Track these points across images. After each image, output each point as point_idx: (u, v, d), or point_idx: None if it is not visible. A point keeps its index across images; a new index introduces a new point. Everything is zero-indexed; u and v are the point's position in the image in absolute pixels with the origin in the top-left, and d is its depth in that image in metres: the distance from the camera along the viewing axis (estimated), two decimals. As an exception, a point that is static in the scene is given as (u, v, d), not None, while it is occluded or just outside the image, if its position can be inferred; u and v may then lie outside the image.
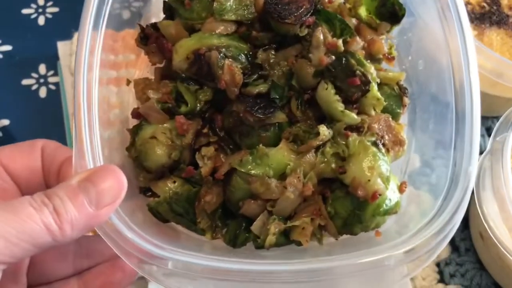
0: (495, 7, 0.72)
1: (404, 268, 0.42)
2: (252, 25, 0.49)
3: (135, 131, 0.48)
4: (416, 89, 0.52)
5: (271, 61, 0.49)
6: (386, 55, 0.52)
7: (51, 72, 0.72)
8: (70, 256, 0.46)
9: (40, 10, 0.76)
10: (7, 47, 0.74)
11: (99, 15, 0.45)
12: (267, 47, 0.49)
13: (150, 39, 0.51)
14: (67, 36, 0.72)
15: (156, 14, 0.54)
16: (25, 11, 0.76)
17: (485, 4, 0.72)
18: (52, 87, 0.71)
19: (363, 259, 0.41)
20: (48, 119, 0.68)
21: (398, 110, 0.50)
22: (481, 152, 0.68)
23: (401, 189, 0.47)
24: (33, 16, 0.76)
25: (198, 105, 0.48)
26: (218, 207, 0.48)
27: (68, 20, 0.74)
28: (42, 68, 0.72)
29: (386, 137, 0.48)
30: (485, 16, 0.71)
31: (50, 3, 0.77)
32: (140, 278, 0.54)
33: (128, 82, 0.51)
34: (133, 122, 0.50)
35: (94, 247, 0.46)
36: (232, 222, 0.48)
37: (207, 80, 0.47)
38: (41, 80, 0.71)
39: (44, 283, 0.45)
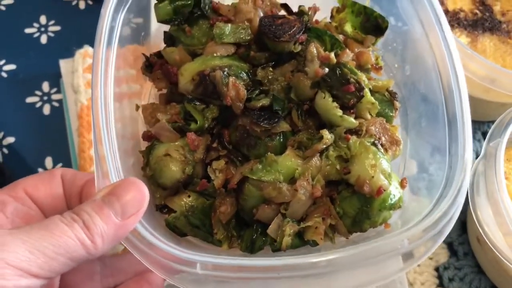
0: (487, 14, 0.74)
1: (399, 261, 0.44)
2: (249, 46, 0.53)
3: (148, 151, 0.50)
4: (406, 93, 0.56)
5: (270, 77, 0.52)
6: (374, 65, 0.56)
7: (54, 90, 0.74)
8: (97, 276, 0.48)
9: (43, 29, 0.79)
10: (11, 66, 0.76)
11: (111, 33, 0.48)
12: (264, 65, 0.53)
13: (155, 66, 0.54)
14: (69, 54, 0.74)
15: (157, 32, 0.57)
16: (27, 30, 0.79)
17: (477, 11, 0.73)
18: (56, 104, 0.73)
19: (374, 244, 0.43)
20: (52, 135, 0.70)
21: (391, 114, 0.54)
22: (476, 157, 0.70)
23: (402, 185, 0.50)
24: (35, 35, 0.79)
25: (206, 122, 0.51)
26: (232, 217, 0.50)
27: (69, 38, 0.78)
28: (45, 86, 0.74)
29: (383, 138, 0.51)
30: (478, 23, 0.73)
31: (52, 22, 0.80)
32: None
33: (137, 107, 0.54)
34: (143, 145, 0.53)
35: (118, 265, 0.48)
36: (246, 230, 0.50)
37: (213, 98, 0.50)
38: (45, 98, 0.74)
39: None
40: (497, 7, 0.75)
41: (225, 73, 0.50)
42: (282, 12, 0.56)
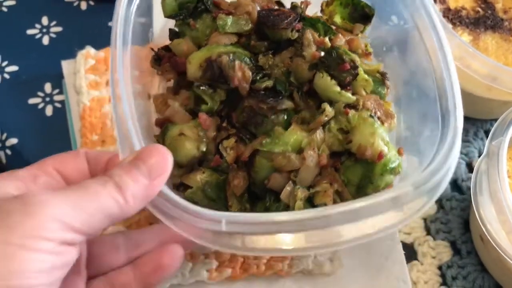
0: (489, 12, 0.74)
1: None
2: (249, 36, 0.58)
3: (163, 133, 0.54)
4: (394, 73, 0.61)
5: (270, 63, 0.57)
6: (364, 51, 0.61)
7: (57, 91, 0.74)
8: (121, 248, 0.50)
9: (44, 30, 0.80)
10: (14, 68, 0.76)
11: (126, 33, 0.52)
12: (265, 53, 0.57)
13: (163, 59, 0.58)
14: (71, 55, 0.74)
15: (161, 32, 0.61)
16: (29, 31, 0.79)
17: (479, 9, 0.74)
18: (58, 105, 0.73)
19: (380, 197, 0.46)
20: (55, 136, 0.70)
21: (383, 92, 0.59)
22: (478, 156, 0.74)
23: (399, 152, 0.55)
24: (37, 36, 0.79)
25: (215, 105, 0.54)
26: (245, 191, 0.53)
27: (71, 39, 0.78)
28: (47, 87, 0.74)
29: (378, 112, 0.55)
30: (479, 21, 0.73)
31: (53, 23, 0.80)
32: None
33: (149, 96, 0.58)
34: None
35: (141, 237, 0.51)
36: (259, 202, 0.53)
37: (220, 82, 0.54)
38: (47, 99, 0.74)
39: (101, 273, 0.49)
40: (499, 4, 0.75)
41: (230, 58, 0.54)
42: (276, 7, 0.61)
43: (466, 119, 0.72)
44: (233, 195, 0.53)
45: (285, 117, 0.55)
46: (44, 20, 0.81)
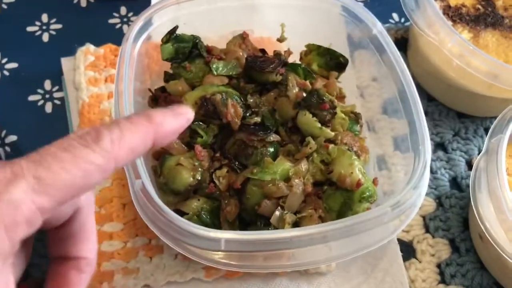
0: (489, 9, 0.74)
1: (391, 224, 0.54)
2: (238, 78, 0.64)
3: (161, 163, 0.58)
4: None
5: (258, 103, 0.63)
6: (338, 95, 0.68)
7: (56, 88, 0.74)
8: None
9: (44, 27, 0.80)
10: (13, 65, 0.76)
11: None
12: (252, 93, 0.64)
13: (160, 99, 0.63)
14: (71, 52, 0.75)
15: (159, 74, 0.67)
16: (29, 28, 0.80)
17: (479, 6, 0.74)
18: (57, 102, 0.73)
19: (358, 219, 0.52)
20: (54, 133, 0.64)
21: (357, 129, 0.66)
22: (478, 154, 0.73)
23: (375, 183, 0.61)
24: (37, 34, 0.79)
25: (209, 138, 0.60)
26: (236, 217, 0.58)
27: (71, 36, 0.78)
28: (47, 84, 0.75)
29: (354, 147, 0.62)
30: (480, 18, 0.73)
31: (53, 20, 0.81)
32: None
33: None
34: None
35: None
36: (250, 227, 0.58)
37: (213, 118, 0.60)
38: (47, 96, 0.74)
39: None
40: (500, 2, 0.75)
41: (223, 96, 0.60)
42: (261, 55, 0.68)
43: (466, 116, 0.78)
44: (226, 221, 0.57)
45: (272, 149, 0.60)
46: (44, 17, 0.82)
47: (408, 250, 0.67)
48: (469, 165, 0.74)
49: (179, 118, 0.40)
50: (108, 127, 0.35)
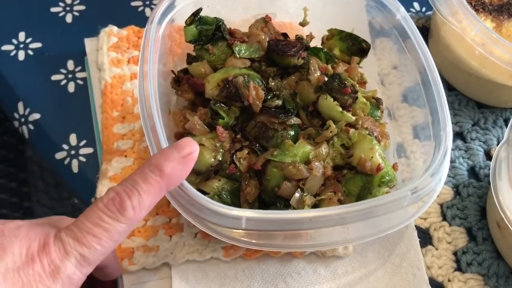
0: None
1: (410, 209, 0.54)
2: (260, 62, 0.65)
3: (183, 144, 0.59)
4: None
5: (279, 86, 0.63)
6: (359, 80, 0.68)
7: (79, 68, 0.76)
8: None
9: (68, 8, 0.82)
10: (37, 44, 0.78)
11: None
12: (274, 77, 0.64)
13: (182, 80, 0.64)
14: (94, 32, 0.76)
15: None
16: (53, 9, 0.81)
17: None
18: (80, 82, 0.75)
19: (378, 202, 0.52)
20: (76, 112, 0.71)
21: (378, 115, 0.66)
22: (497, 144, 0.74)
23: (394, 168, 0.61)
24: (61, 14, 0.81)
25: (230, 120, 0.60)
26: (256, 198, 0.58)
27: (94, 17, 0.80)
28: (70, 64, 0.76)
29: (375, 132, 0.62)
30: (503, 8, 0.73)
31: (77, 1, 0.82)
32: (163, 265, 0.61)
33: (169, 111, 0.63)
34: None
35: None
36: (270, 208, 0.58)
37: (235, 100, 0.60)
38: (70, 76, 0.75)
39: None
40: None
41: (245, 79, 0.60)
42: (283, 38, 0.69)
43: (486, 107, 0.78)
44: (246, 202, 0.58)
45: (293, 132, 0.61)
46: None
47: (425, 237, 0.67)
48: (488, 155, 0.75)
49: (187, 164, 0.47)
50: (128, 193, 0.43)
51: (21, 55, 0.77)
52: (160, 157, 0.46)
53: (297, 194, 0.56)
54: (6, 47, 0.77)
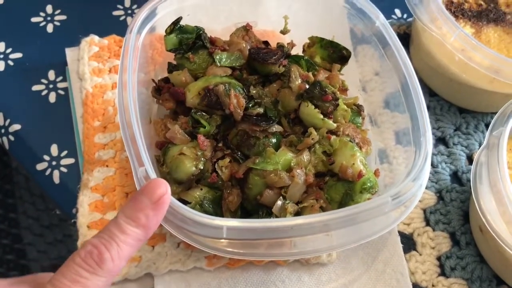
0: (492, 5, 0.75)
1: (392, 214, 0.54)
2: (241, 70, 0.65)
3: (164, 152, 0.59)
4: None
5: (260, 94, 0.63)
6: (341, 87, 0.68)
7: (60, 78, 0.75)
8: None
9: (49, 18, 0.81)
10: (18, 55, 0.77)
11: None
12: (255, 85, 0.64)
13: (163, 89, 0.64)
14: (75, 42, 0.76)
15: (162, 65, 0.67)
16: (34, 19, 0.81)
17: (482, 2, 0.75)
18: (61, 92, 0.74)
19: (359, 208, 0.52)
20: (57, 123, 0.71)
21: (359, 121, 0.66)
22: (478, 148, 0.74)
23: (376, 174, 0.61)
24: (42, 24, 0.81)
25: (211, 128, 0.60)
26: (238, 207, 0.58)
27: (75, 27, 0.79)
28: (51, 74, 0.76)
29: (356, 139, 0.62)
30: (482, 14, 0.74)
31: (58, 11, 0.82)
32: (146, 275, 0.60)
33: (150, 120, 0.63)
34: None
35: None
36: (252, 217, 0.58)
37: (216, 108, 0.60)
38: (50, 86, 0.75)
39: None
40: None
41: (226, 87, 0.60)
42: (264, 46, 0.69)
43: (467, 112, 0.78)
44: (228, 210, 0.58)
45: (274, 140, 0.61)
46: (49, 8, 0.83)
47: (408, 243, 0.67)
48: (470, 159, 0.75)
49: (160, 209, 0.47)
50: (106, 245, 0.43)
51: (1, 66, 0.76)
52: (132, 208, 0.45)
53: (279, 202, 0.56)
54: (-14, 58, 0.77)
